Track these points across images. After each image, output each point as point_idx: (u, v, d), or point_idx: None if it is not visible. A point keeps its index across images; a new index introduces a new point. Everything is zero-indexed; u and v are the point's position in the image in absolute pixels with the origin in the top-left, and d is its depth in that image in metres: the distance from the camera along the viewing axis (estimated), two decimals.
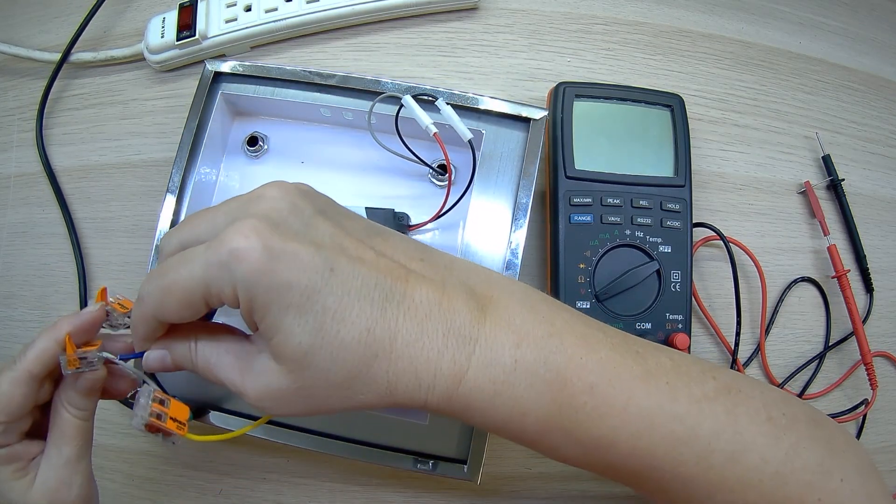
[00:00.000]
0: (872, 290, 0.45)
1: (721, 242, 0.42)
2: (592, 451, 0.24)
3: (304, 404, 0.24)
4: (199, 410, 0.35)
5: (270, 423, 0.35)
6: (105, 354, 0.26)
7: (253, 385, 0.24)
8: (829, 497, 0.24)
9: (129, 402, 0.39)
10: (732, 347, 0.42)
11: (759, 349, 0.43)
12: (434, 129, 0.34)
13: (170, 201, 0.37)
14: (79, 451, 0.27)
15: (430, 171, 0.39)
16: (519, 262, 0.35)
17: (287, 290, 0.21)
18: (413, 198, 0.40)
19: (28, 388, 0.26)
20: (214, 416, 0.36)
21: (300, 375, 0.23)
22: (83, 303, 0.42)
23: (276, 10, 0.44)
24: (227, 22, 0.44)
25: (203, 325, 0.26)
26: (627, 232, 0.40)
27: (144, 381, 0.27)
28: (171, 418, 0.26)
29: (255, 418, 0.35)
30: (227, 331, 0.26)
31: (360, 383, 0.23)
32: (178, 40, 0.43)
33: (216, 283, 0.22)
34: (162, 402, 0.26)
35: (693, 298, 0.41)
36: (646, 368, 0.25)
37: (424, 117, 0.34)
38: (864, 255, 0.45)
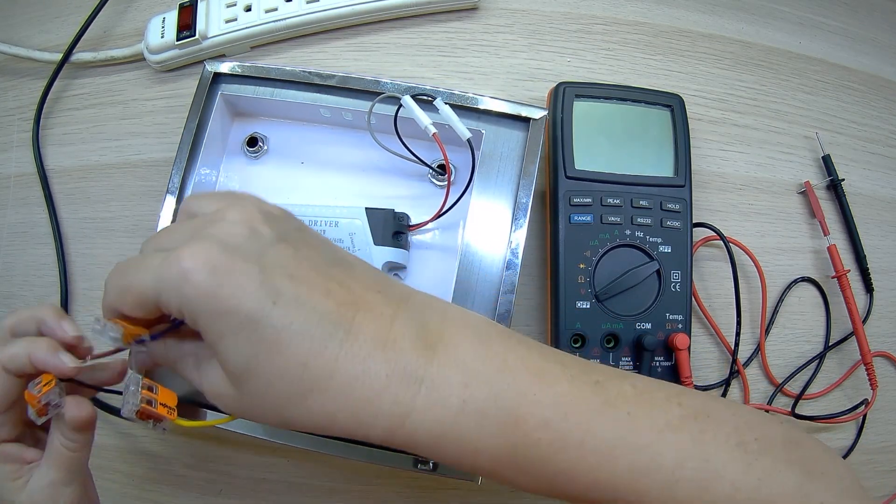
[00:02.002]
0: (872, 290, 0.45)
1: (721, 242, 0.42)
2: (551, 485, 0.24)
3: (249, 414, 0.24)
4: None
5: None
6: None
7: (207, 385, 0.25)
8: None
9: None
10: (732, 347, 0.42)
11: (759, 349, 0.43)
12: (433, 130, 0.34)
13: (170, 202, 0.37)
14: (65, 477, 0.27)
15: (430, 171, 0.39)
16: (519, 261, 0.35)
17: (227, 316, 0.22)
18: (413, 198, 0.40)
19: (5, 380, 0.26)
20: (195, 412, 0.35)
21: (240, 390, 0.23)
22: (64, 304, 0.42)
23: (276, 10, 0.44)
24: (227, 22, 0.44)
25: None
26: (627, 232, 0.40)
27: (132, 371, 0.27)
28: (161, 404, 0.26)
29: None
30: (193, 334, 0.26)
31: (296, 412, 0.23)
32: (178, 40, 0.43)
33: (165, 296, 0.23)
34: (151, 389, 0.26)
35: (693, 298, 0.41)
36: (605, 399, 0.24)
37: (423, 117, 0.34)
38: (864, 255, 0.45)
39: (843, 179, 0.46)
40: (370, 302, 0.24)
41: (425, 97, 0.35)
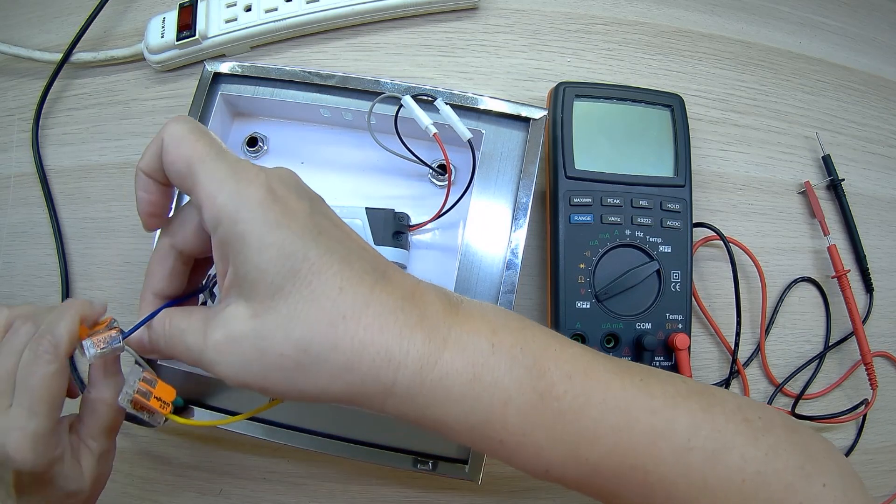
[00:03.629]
0: (872, 290, 0.45)
1: (721, 242, 0.42)
2: (575, 448, 0.24)
3: (258, 363, 0.22)
4: (184, 407, 0.36)
5: (270, 423, 0.35)
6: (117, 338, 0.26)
7: (213, 336, 0.23)
8: (811, 501, 0.24)
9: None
10: (732, 347, 0.42)
11: (759, 349, 0.43)
12: (434, 130, 0.34)
13: None
14: (115, 438, 0.29)
15: (430, 171, 0.39)
16: (519, 261, 0.35)
17: (275, 228, 0.22)
18: (413, 198, 0.40)
19: (68, 373, 0.26)
20: (199, 414, 0.36)
21: (264, 320, 0.22)
22: None
23: (276, 10, 0.44)
24: (227, 22, 0.44)
25: (169, 308, 0.27)
26: (627, 232, 0.40)
27: (137, 362, 0.28)
28: (155, 397, 0.27)
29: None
30: (192, 305, 0.27)
31: (321, 346, 0.22)
32: (178, 40, 0.43)
33: (210, 185, 0.23)
34: (149, 383, 0.27)
35: (693, 298, 0.41)
36: (618, 366, 0.25)
37: (424, 117, 0.34)
38: (864, 255, 0.45)
39: (843, 179, 0.46)
40: (393, 268, 0.25)
41: (425, 97, 0.35)
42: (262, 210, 0.22)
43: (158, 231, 0.28)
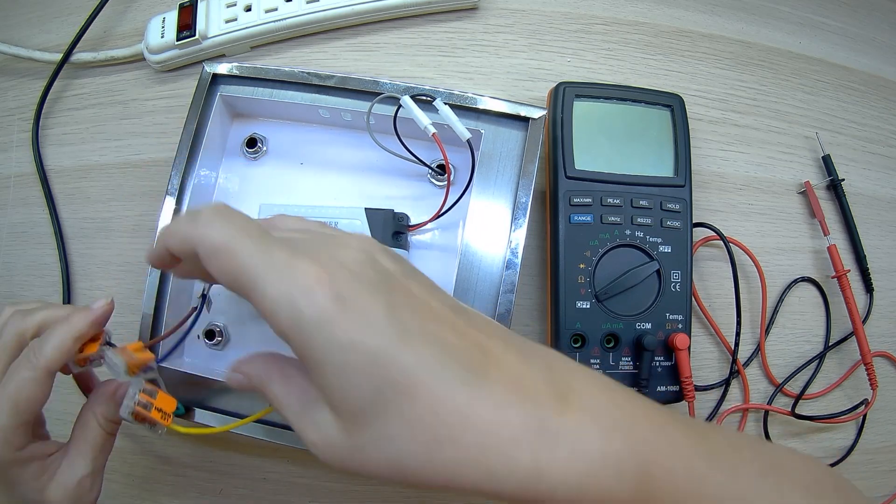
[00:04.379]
0: (872, 290, 0.45)
1: (721, 242, 0.42)
2: None
3: (356, 465, 0.21)
4: (186, 408, 0.36)
5: (270, 423, 0.35)
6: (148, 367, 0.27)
7: (311, 435, 0.22)
8: None
9: None
10: (732, 347, 0.42)
11: (759, 349, 0.43)
12: (433, 130, 0.34)
13: (169, 203, 0.37)
14: (104, 462, 0.29)
15: (430, 171, 0.39)
16: (519, 261, 0.35)
17: (347, 349, 0.20)
18: (412, 198, 0.40)
19: (47, 386, 0.27)
20: (199, 415, 0.36)
21: (355, 438, 0.21)
22: (66, 304, 0.42)
23: (276, 10, 0.44)
24: (227, 22, 0.44)
25: (274, 360, 0.25)
26: (627, 232, 0.40)
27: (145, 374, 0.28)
28: (156, 409, 0.27)
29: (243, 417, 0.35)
30: (296, 368, 0.24)
31: (421, 467, 0.21)
32: (178, 40, 0.43)
33: (271, 298, 0.20)
34: (150, 394, 0.27)
35: (693, 298, 0.41)
36: (709, 448, 0.23)
37: (423, 117, 0.34)
38: (864, 255, 0.45)
39: (843, 179, 0.46)
40: (495, 347, 0.23)
41: (424, 97, 0.35)
42: (331, 329, 0.20)
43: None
